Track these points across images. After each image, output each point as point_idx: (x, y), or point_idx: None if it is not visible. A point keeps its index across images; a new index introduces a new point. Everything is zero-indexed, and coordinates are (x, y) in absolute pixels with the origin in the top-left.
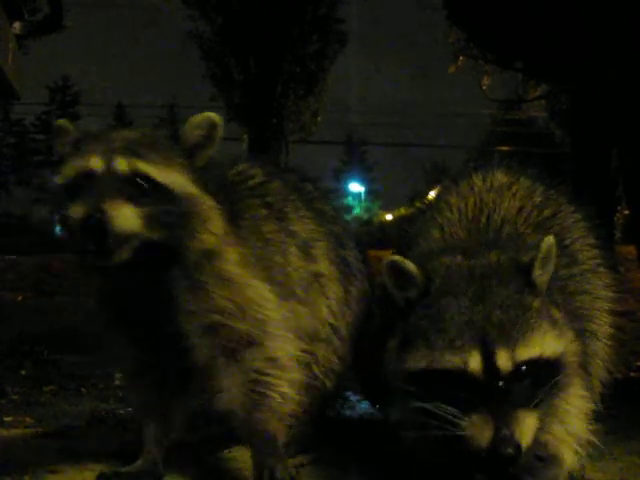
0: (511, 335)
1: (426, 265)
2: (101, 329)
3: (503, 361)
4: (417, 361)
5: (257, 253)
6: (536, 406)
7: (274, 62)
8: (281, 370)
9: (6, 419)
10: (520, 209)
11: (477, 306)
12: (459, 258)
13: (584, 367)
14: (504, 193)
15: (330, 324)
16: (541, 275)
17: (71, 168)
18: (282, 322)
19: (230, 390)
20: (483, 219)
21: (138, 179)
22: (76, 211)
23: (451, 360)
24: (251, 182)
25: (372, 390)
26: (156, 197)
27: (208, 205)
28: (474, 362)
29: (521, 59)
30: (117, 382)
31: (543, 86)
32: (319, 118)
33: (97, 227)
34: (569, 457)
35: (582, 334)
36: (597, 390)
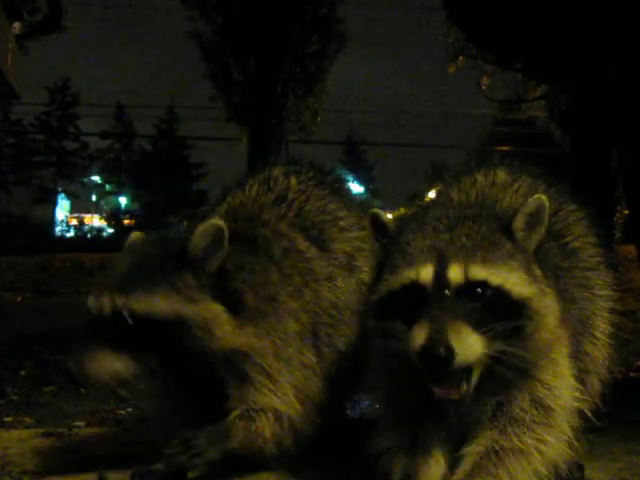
0: (469, 253)
1: (402, 218)
2: None
3: (454, 273)
4: (380, 290)
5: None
6: (489, 337)
7: (274, 62)
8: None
9: (6, 419)
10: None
11: (443, 234)
12: (440, 209)
13: (577, 346)
14: (506, 189)
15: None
16: (523, 231)
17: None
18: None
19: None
20: None
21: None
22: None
23: (406, 274)
24: (287, 210)
25: None
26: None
27: (213, 313)
28: (425, 272)
29: (521, 59)
30: None
31: (543, 86)
32: (319, 118)
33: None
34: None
35: (579, 323)
36: (597, 389)
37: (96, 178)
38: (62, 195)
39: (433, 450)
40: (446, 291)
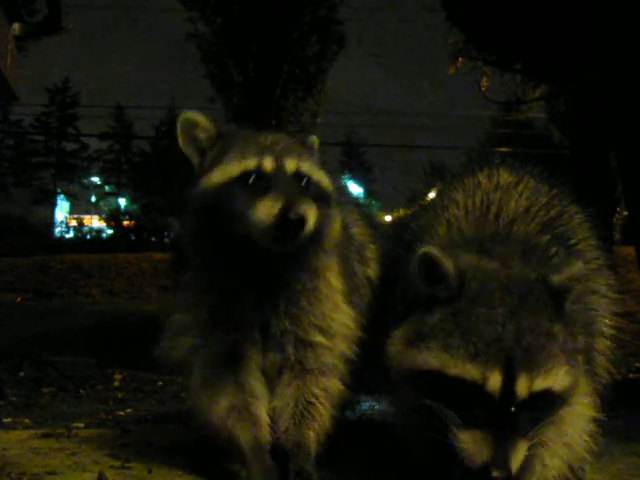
0: (535, 364)
1: (458, 264)
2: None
3: (522, 387)
4: (430, 361)
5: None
6: (530, 435)
7: (273, 64)
8: (330, 400)
9: (5, 420)
10: (527, 209)
11: (509, 325)
12: (493, 264)
13: (591, 372)
14: (511, 192)
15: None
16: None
17: (230, 170)
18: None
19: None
20: (491, 217)
21: (303, 178)
22: (270, 205)
23: (471, 372)
24: None
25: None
26: (315, 193)
27: (337, 200)
28: (494, 380)
29: (520, 60)
30: (116, 384)
31: (542, 87)
32: (318, 119)
33: (297, 222)
34: None
35: (590, 335)
36: (598, 392)
37: (95, 179)
38: (61, 196)
39: None
40: (512, 408)
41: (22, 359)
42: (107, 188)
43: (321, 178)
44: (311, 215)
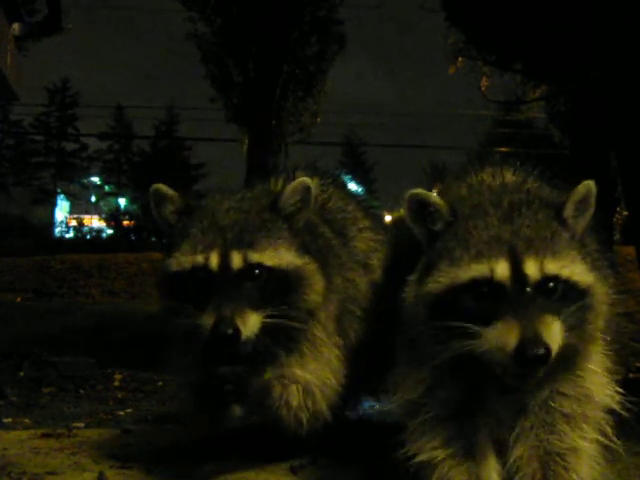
0: (540, 248)
1: (447, 197)
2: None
3: (531, 269)
4: (440, 281)
5: (337, 290)
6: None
7: (273, 64)
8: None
9: (5, 420)
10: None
11: (505, 224)
12: (486, 195)
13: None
14: (515, 193)
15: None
16: (574, 217)
17: (184, 262)
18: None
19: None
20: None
21: (254, 269)
22: (206, 320)
23: (478, 269)
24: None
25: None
26: (270, 278)
27: (311, 269)
28: (501, 269)
29: (520, 60)
30: (116, 384)
31: (542, 88)
32: (318, 119)
33: (229, 336)
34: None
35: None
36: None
37: (95, 179)
38: (61, 196)
39: (488, 455)
40: (527, 289)
41: (22, 359)
42: (107, 188)
43: (281, 260)
44: (247, 324)
